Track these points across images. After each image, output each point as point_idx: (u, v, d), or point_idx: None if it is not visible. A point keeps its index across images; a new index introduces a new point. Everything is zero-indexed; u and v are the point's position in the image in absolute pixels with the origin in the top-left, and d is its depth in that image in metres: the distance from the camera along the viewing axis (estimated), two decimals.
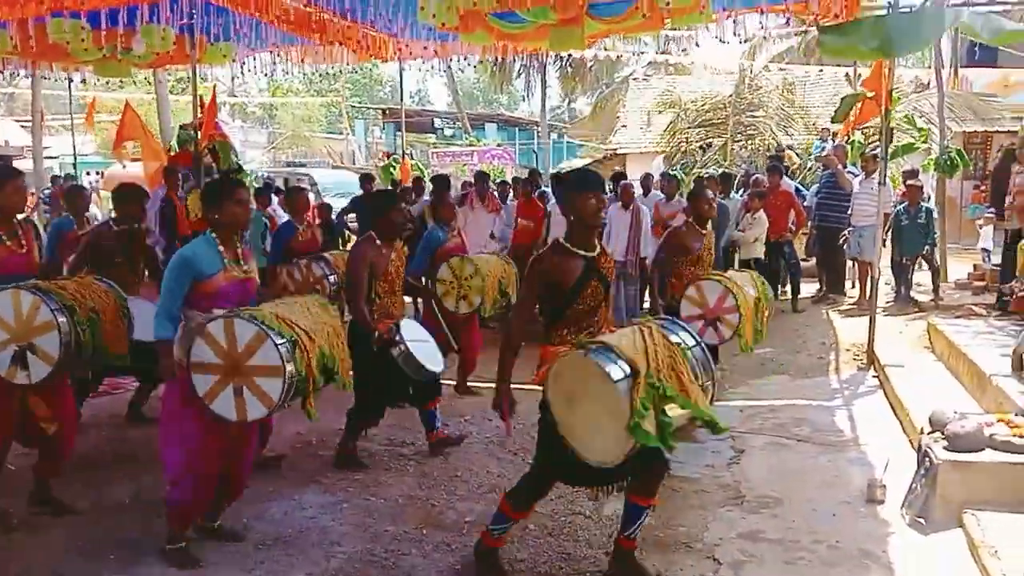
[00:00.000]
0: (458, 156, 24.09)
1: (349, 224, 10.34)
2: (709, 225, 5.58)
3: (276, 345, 3.32)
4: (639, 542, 3.57)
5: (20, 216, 4.04)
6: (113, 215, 5.68)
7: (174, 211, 9.01)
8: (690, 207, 5.71)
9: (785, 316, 8.88)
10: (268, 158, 31.48)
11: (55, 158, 20.18)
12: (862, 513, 4.19)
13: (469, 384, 6.40)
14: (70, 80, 12.67)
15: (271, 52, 11.23)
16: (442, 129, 30.12)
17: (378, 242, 4.64)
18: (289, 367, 3.34)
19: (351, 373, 4.03)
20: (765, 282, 5.66)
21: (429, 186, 9.87)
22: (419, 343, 4.64)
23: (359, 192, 10.78)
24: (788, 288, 9.46)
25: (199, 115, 8.47)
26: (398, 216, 4.77)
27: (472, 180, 10.48)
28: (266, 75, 12.17)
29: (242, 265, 3.60)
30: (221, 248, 3.52)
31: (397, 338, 4.46)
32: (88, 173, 19.49)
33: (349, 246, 10.30)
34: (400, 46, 10.77)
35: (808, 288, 10.11)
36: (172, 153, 9.38)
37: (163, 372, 3.51)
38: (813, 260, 10.27)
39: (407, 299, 6.04)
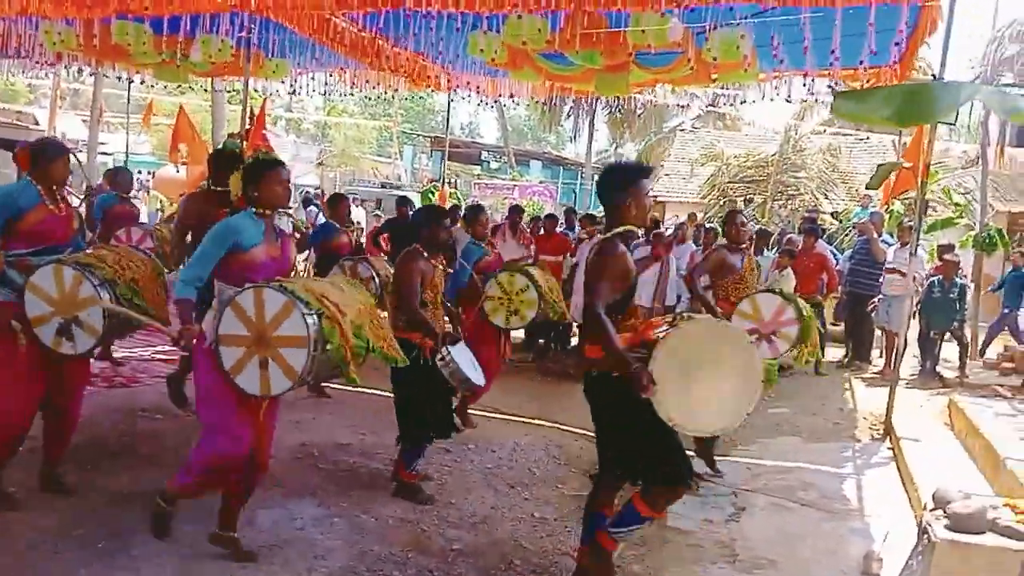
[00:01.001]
0: (500, 189, 24.33)
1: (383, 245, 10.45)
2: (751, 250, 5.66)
3: (303, 315, 3.31)
4: None
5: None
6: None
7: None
8: (724, 232, 5.71)
9: (806, 378, 8.77)
10: (317, 174, 32.09)
11: (110, 154, 20.76)
12: None
13: (469, 412, 6.28)
14: (130, 81, 13.13)
15: (327, 73, 11.54)
16: (488, 162, 30.48)
17: (424, 254, 4.66)
18: (314, 337, 3.31)
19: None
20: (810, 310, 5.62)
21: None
22: (461, 354, 4.69)
23: None
24: None
25: (247, 126, 8.70)
26: (443, 231, 4.80)
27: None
28: (322, 94, 12.46)
29: (279, 244, 3.66)
30: (262, 224, 3.58)
31: (443, 350, 4.51)
32: (140, 172, 20.02)
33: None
34: (451, 78, 11.00)
35: (835, 354, 10.00)
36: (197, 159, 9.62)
37: (181, 333, 3.49)
38: (842, 325, 10.16)
39: None
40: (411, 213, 9.89)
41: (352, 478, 4.98)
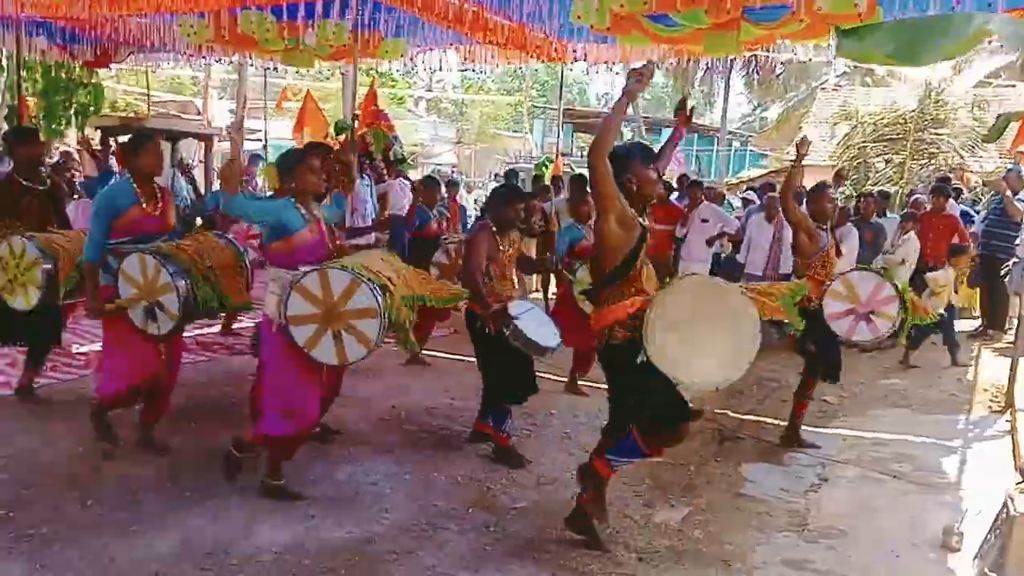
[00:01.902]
0: None
1: None
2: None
3: (370, 289, 3.62)
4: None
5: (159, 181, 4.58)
6: None
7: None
8: (808, 207, 5.49)
9: (931, 348, 8.21)
10: (455, 152, 32.83)
11: (257, 140, 22.12)
12: (930, 559, 3.90)
13: (580, 383, 6.35)
14: (266, 68, 13.95)
15: (455, 50, 11.77)
16: (621, 132, 30.04)
17: (494, 229, 4.78)
18: (383, 307, 3.62)
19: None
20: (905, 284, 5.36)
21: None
22: (531, 320, 4.67)
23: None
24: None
25: (356, 109, 9.07)
26: (513, 211, 4.87)
27: None
28: (436, 70, 12.71)
29: (320, 224, 3.96)
30: (302, 209, 3.89)
31: (507, 315, 4.55)
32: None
33: None
34: (559, 47, 10.96)
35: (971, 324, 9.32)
36: (330, 139, 10.06)
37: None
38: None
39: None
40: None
41: (432, 439, 5.21)
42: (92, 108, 18.26)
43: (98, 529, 3.65)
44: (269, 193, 4.58)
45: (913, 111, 13.23)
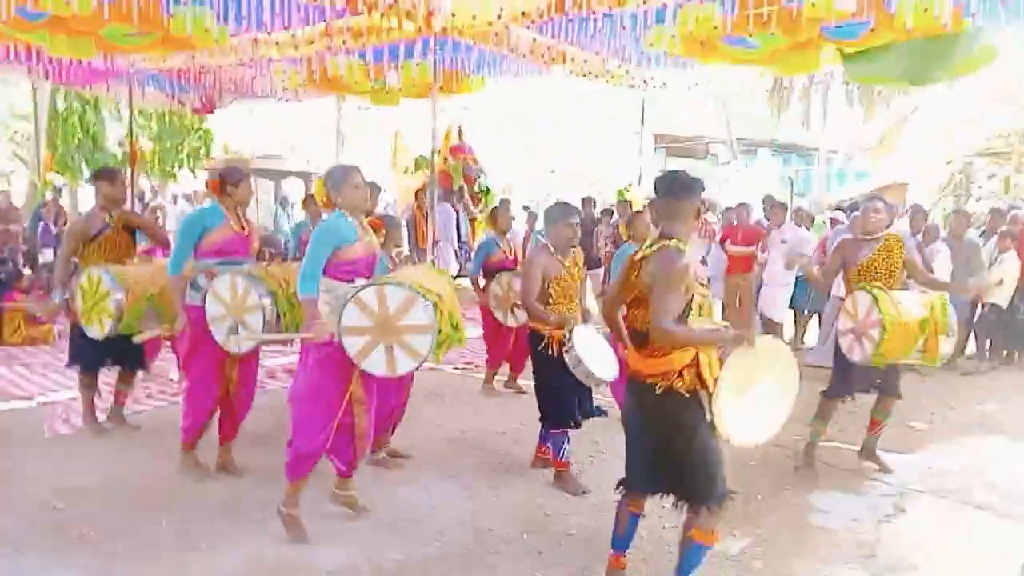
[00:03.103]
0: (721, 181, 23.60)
1: None
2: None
3: (425, 306, 3.75)
4: None
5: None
6: None
7: (414, 223, 10.07)
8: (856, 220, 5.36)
9: None
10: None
11: None
12: None
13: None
14: (359, 108, 14.54)
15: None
16: (716, 155, 29.56)
17: (552, 249, 4.79)
18: (436, 323, 3.75)
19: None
20: (948, 306, 4.93)
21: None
22: (593, 350, 4.58)
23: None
24: None
25: (437, 144, 9.36)
26: (567, 230, 4.83)
27: None
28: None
29: (372, 239, 4.12)
30: (353, 223, 4.03)
31: (569, 342, 4.45)
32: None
33: None
34: (636, 73, 11.01)
35: None
36: (409, 173, 10.40)
37: (311, 328, 3.91)
38: None
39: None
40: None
41: (496, 463, 5.28)
42: (203, 151, 19.44)
43: (169, 547, 3.89)
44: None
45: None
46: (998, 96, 17.96)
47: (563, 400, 4.79)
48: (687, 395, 3.23)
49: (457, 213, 11.61)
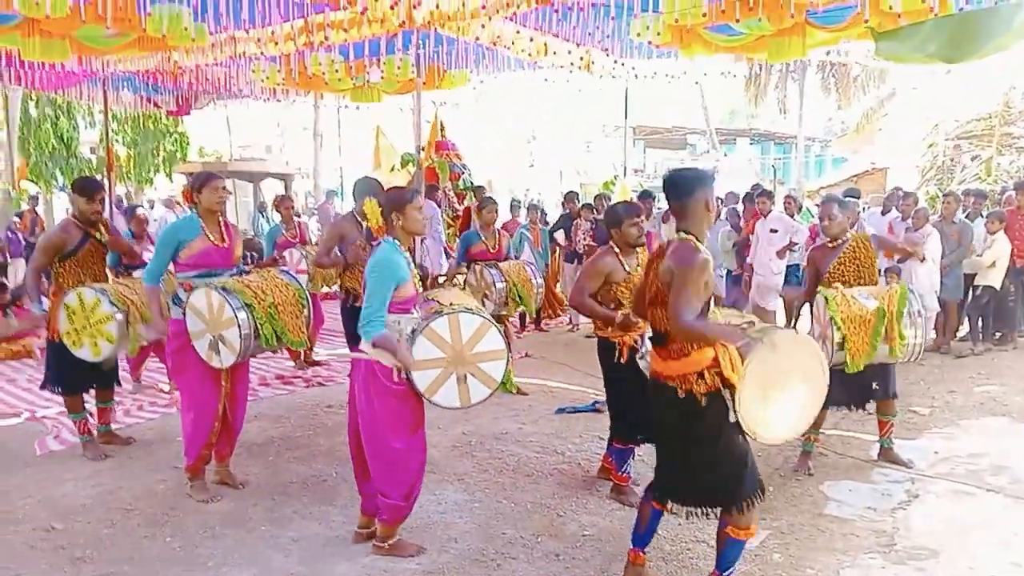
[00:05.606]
0: None
1: (560, 242, 10.60)
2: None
3: (498, 332, 3.66)
4: None
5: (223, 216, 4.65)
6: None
7: None
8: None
9: None
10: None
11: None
12: None
13: None
14: (339, 107, 14.39)
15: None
16: (695, 145, 29.63)
17: (616, 250, 4.52)
18: (508, 347, 3.66)
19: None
20: (909, 293, 4.77)
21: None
22: None
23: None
24: None
25: (421, 141, 9.22)
26: (632, 229, 4.53)
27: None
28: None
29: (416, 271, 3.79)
30: (406, 254, 3.68)
31: (642, 347, 4.22)
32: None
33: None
34: (631, 65, 10.91)
35: None
36: (396, 171, 10.24)
37: (402, 361, 3.56)
38: None
39: None
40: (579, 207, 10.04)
41: (502, 465, 5.17)
42: (179, 155, 19.16)
43: (176, 565, 3.75)
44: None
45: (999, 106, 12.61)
46: (977, 78, 18.14)
47: (632, 415, 4.41)
48: (709, 397, 3.14)
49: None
